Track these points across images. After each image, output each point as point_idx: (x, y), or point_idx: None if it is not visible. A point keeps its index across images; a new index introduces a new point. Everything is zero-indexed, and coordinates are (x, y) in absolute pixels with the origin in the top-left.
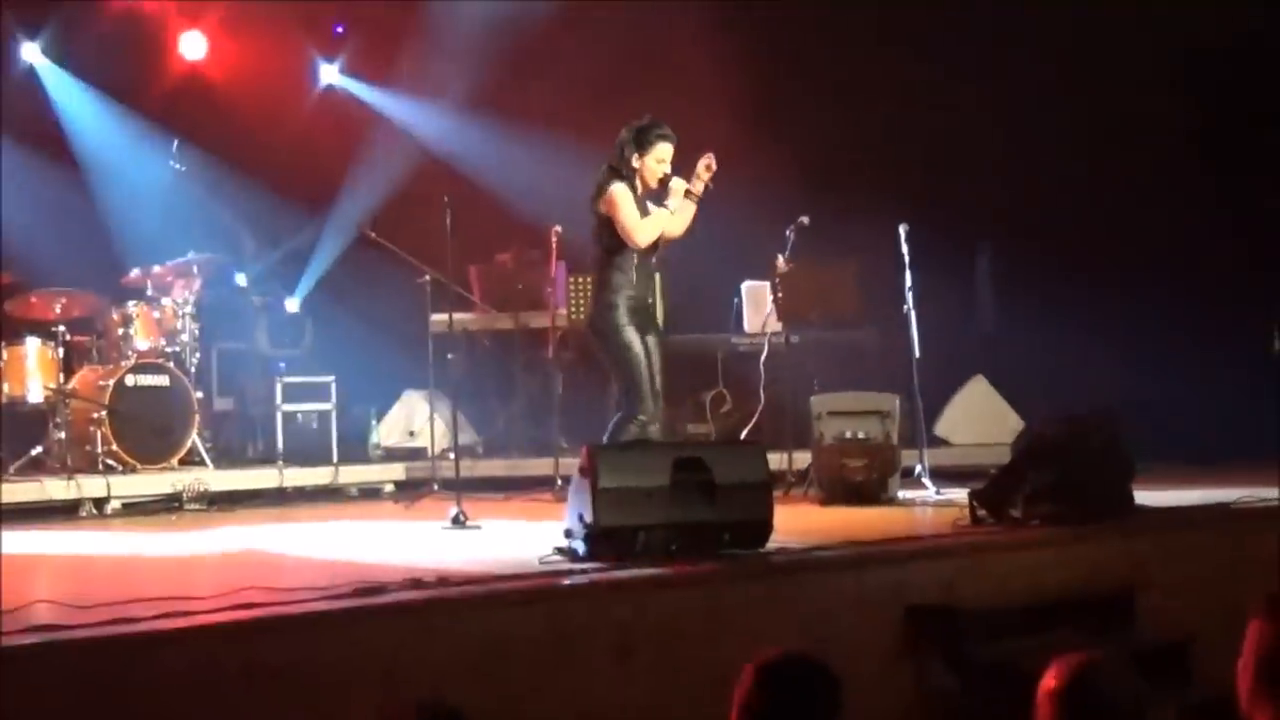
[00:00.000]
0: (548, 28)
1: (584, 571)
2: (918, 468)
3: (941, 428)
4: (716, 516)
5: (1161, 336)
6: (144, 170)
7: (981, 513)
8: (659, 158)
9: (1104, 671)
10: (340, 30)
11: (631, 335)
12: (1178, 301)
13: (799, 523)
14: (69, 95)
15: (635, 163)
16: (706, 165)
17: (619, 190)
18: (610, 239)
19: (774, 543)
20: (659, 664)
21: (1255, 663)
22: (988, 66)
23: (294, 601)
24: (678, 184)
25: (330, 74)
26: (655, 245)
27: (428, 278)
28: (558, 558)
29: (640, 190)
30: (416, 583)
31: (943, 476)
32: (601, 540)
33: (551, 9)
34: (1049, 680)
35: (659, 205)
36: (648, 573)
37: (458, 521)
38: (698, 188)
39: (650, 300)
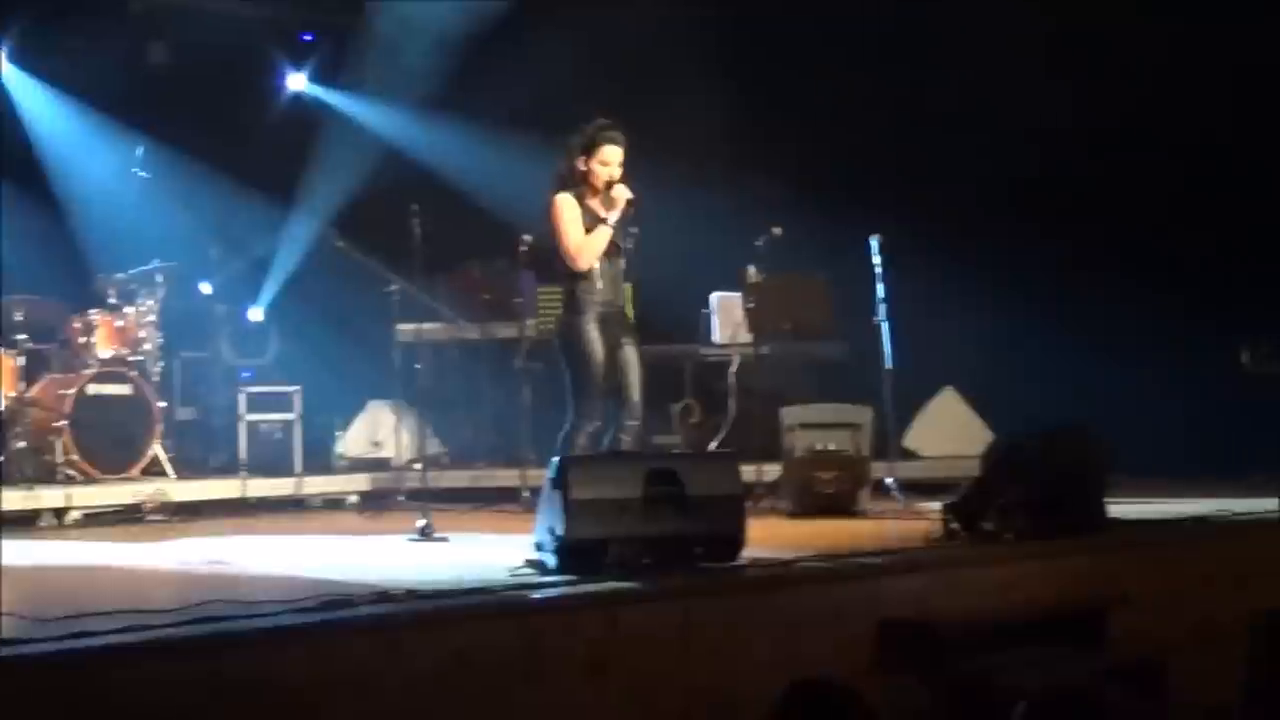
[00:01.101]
0: (521, 32)
1: (555, 585)
2: (887, 480)
3: (910, 440)
4: (689, 529)
5: (1132, 351)
6: (109, 177)
7: (955, 526)
8: (604, 160)
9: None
10: (309, 38)
11: (591, 342)
12: (1148, 316)
13: (770, 535)
14: (33, 100)
15: (582, 166)
16: (629, 200)
17: (559, 201)
18: (562, 252)
19: (745, 555)
20: (631, 679)
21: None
22: (961, 72)
23: (259, 615)
24: (620, 192)
25: (297, 81)
26: (619, 248)
27: (395, 287)
28: (528, 571)
29: (589, 195)
30: (385, 596)
31: (912, 489)
32: (573, 553)
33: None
34: None
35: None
36: (620, 586)
37: (425, 533)
38: (611, 218)
39: (621, 307)
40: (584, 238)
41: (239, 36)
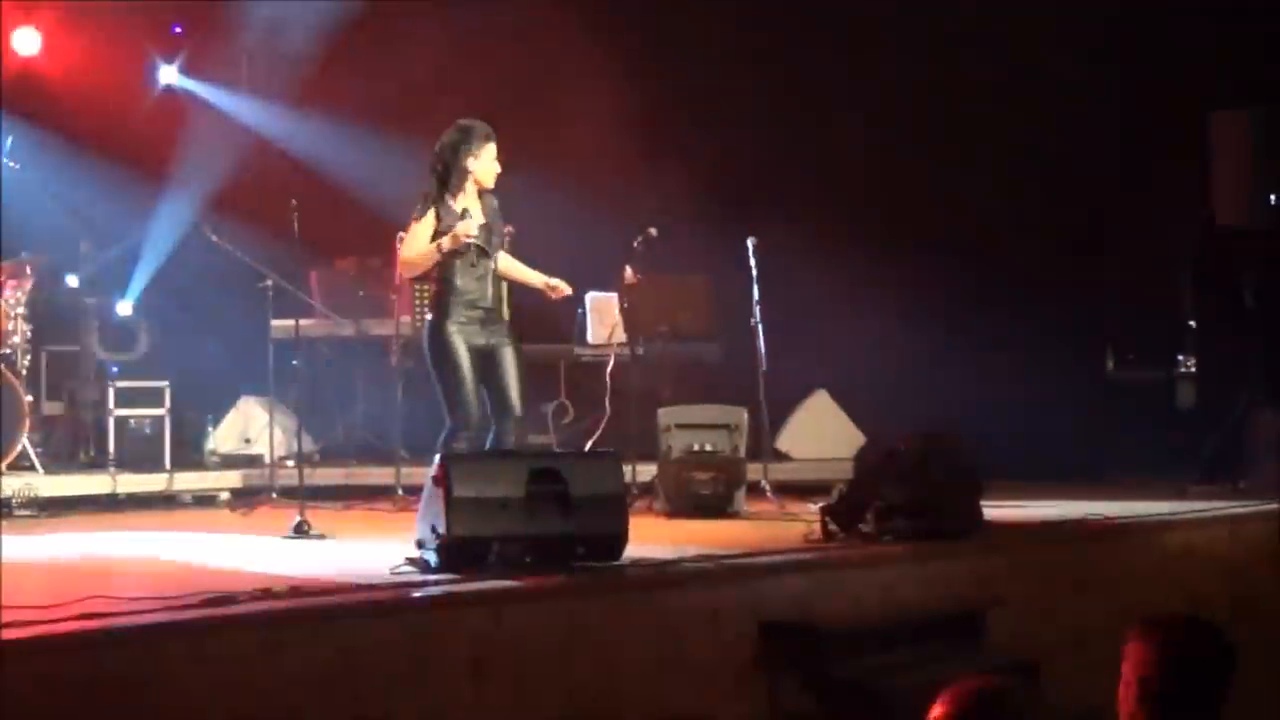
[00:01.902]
0: (393, 25)
1: (437, 583)
2: (761, 481)
3: (783, 441)
4: (572, 528)
5: (1002, 356)
6: None
7: (833, 527)
8: (484, 156)
9: (1000, 703)
10: (178, 30)
11: (454, 345)
12: (1017, 322)
13: (648, 536)
14: None
15: (462, 161)
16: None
17: (414, 225)
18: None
19: (626, 556)
20: (514, 678)
21: (1135, 684)
22: (841, 71)
23: (140, 611)
24: (463, 227)
25: (169, 74)
26: (484, 250)
27: (269, 282)
28: (409, 569)
29: (459, 189)
30: (267, 593)
31: (785, 491)
32: (454, 551)
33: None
34: (937, 709)
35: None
36: (502, 585)
37: (301, 530)
38: (446, 243)
39: (494, 304)
40: (412, 252)
41: (110, 27)
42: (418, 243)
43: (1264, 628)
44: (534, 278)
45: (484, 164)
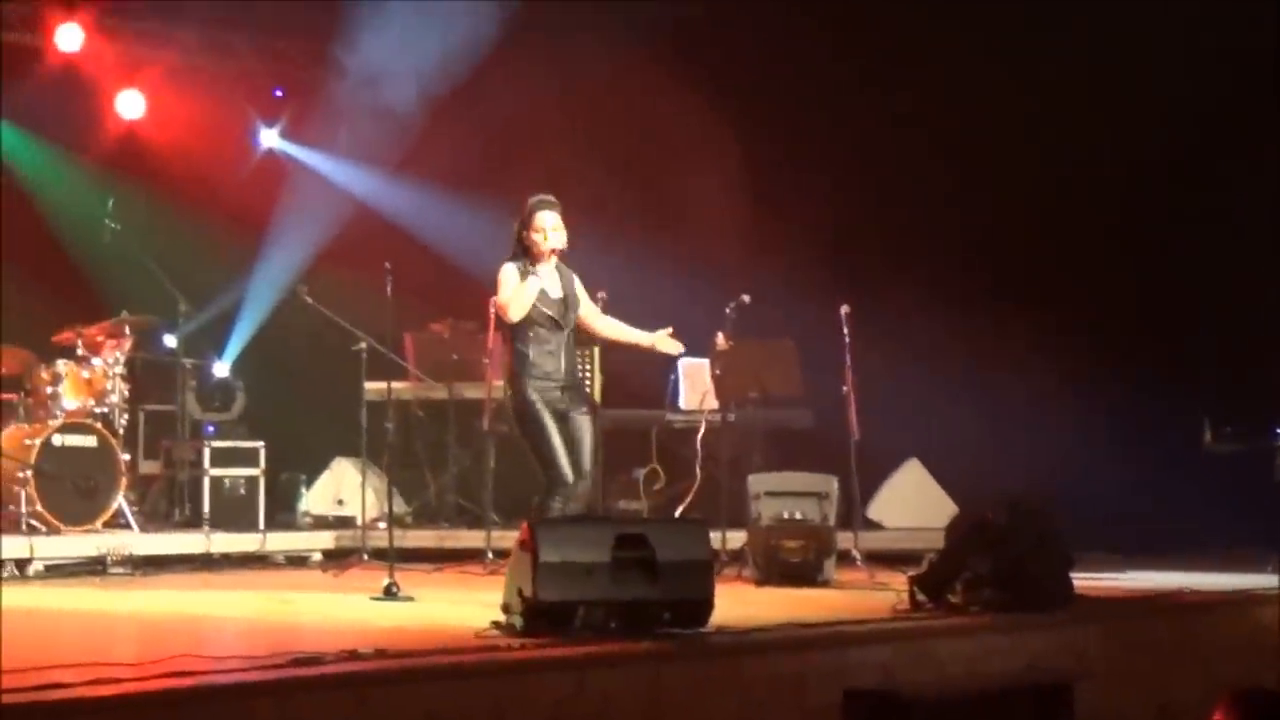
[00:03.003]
0: (497, 90)
1: (523, 647)
2: (852, 550)
3: (874, 510)
4: (657, 594)
5: (1097, 427)
6: (79, 227)
7: (921, 597)
8: (537, 227)
9: None
10: (279, 93)
11: (538, 413)
12: (1113, 392)
13: (736, 603)
14: (9, 146)
15: (523, 238)
16: (552, 250)
17: (502, 272)
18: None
19: (711, 623)
20: None
21: None
22: (936, 140)
23: (226, 670)
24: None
25: (270, 137)
26: (557, 322)
27: (363, 345)
28: (495, 632)
29: (535, 261)
30: (353, 654)
31: (875, 560)
32: (540, 615)
33: (497, 74)
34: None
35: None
36: (587, 650)
37: (390, 592)
38: (541, 269)
39: (569, 376)
40: (511, 292)
41: (213, 90)
42: (508, 287)
43: None
44: (639, 337)
45: (541, 234)
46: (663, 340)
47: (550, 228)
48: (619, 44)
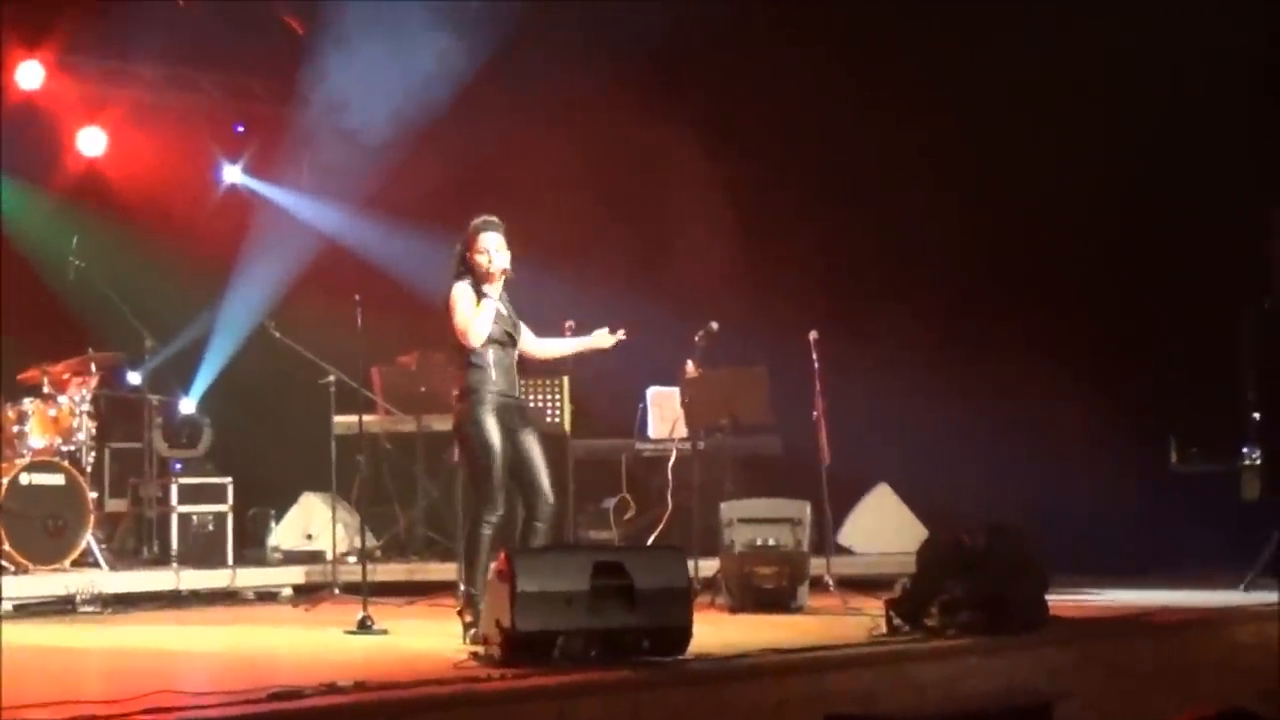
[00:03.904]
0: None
1: (502, 677)
2: (824, 576)
3: (845, 535)
4: (636, 622)
5: (1065, 450)
6: (43, 264)
7: (897, 621)
8: (481, 248)
9: None
10: (240, 129)
11: (489, 431)
12: (1080, 412)
13: (712, 631)
14: None
15: (466, 259)
16: (502, 270)
17: (455, 292)
18: (456, 339)
19: (690, 651)
20: None
21: None
22: (902, 166)
23: (207, 706)
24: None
25: (233, 173)
26: (511, 338)
27: (331, 378)
28: (474, 663)
29: (479, 282)
30: (332, 687)
31: (848, 585)
32: (519, 646)
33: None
34: None
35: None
36: (568, 679)
37: (364, 626)
38: (492, 290)
39: (517, 394)
40: (473, 313)
41: (174, 127)
42: (465, 307)
43: None
44: (576, 344)
45: (485, 255)
46: (599, 338)
47: (494, 249)
48: (593, 75)
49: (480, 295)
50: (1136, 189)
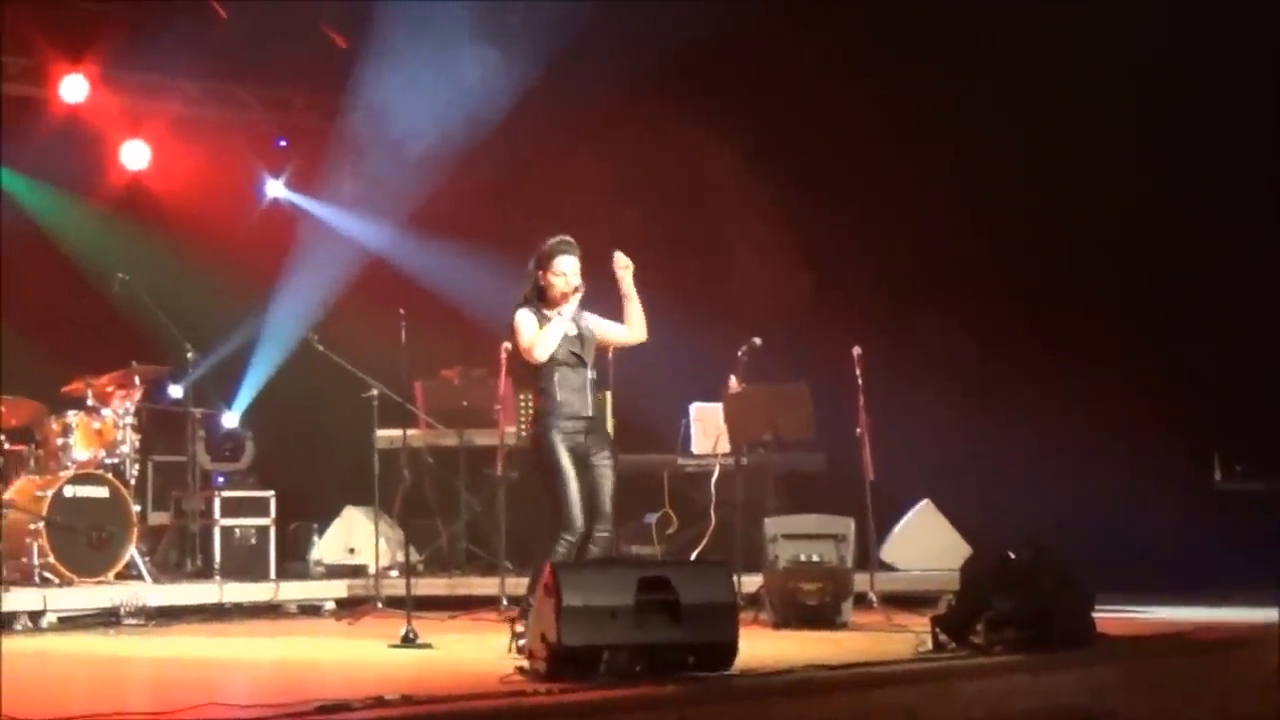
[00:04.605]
0: (502, 142)
1: (549, 692)
2: (868, 592)
3: (887, 552)
4: (682, 637)
5: (1108, 468)
6: (88, 276)
7: (943, 638)
8: (557, 271)
9: None
10: (283, 143)
11: (559, 454)
12: (1124, 433)
13: (757, 646)
14: (18, 193)
15: (540, 280)
16: (620, 264)
17: (518, 318)
18: (524, 362)
19: (735, 666)
20: None
21: None
22: (946, 182)
23: (256, 719)
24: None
25: (275, 187)
26: (580, 359)
27: (375, 392)
28: (520, 677)
29: (552, 305)
30: (380, 701)
31: (891, 602)
32: (565, 660)
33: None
34: None
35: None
36: (615, 694)
37: (408, 639)
38: (626, 283)
39: (590, 415)
40: (537, 332)
41: (218, 140)
42: (532, 328)
43: None
44: (627, 310)
45: (562, 278)
46: (620, 277)
47: (570, 272)
48: (639, 89)
49: (542, 319)
50: (1180, 199)
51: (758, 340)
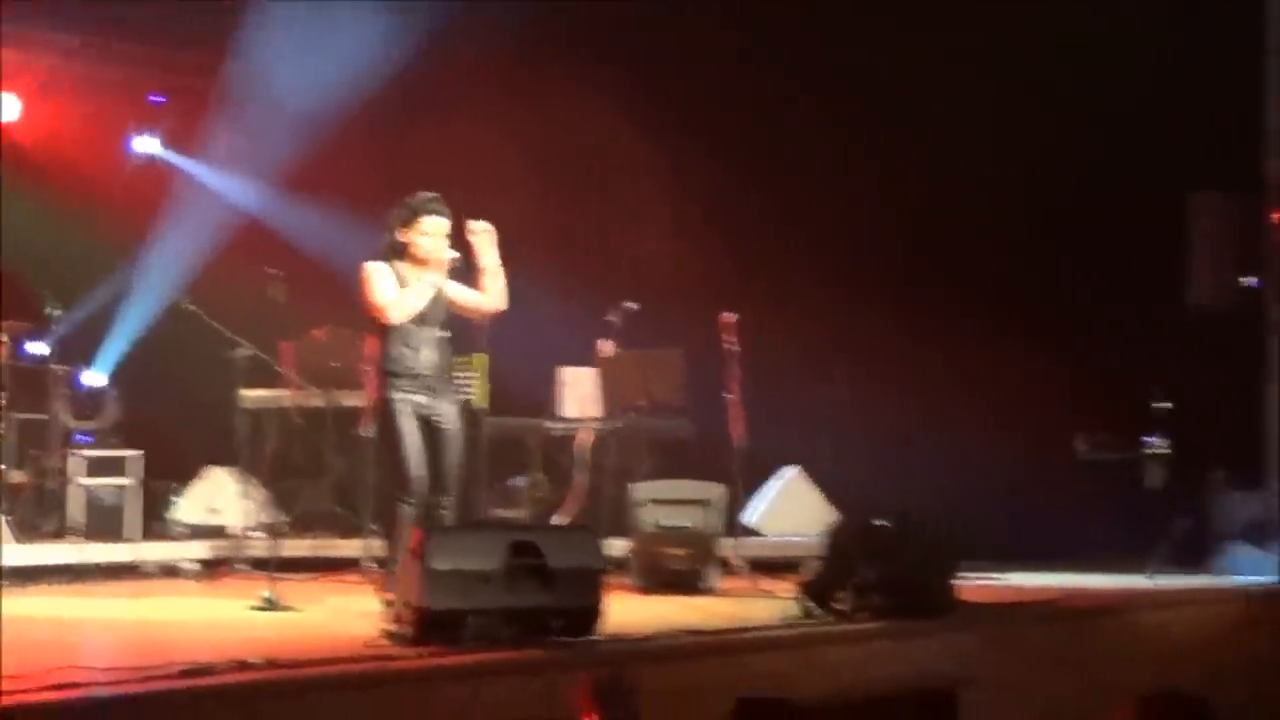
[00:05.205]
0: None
1: (417, 656)
2: (734, 558)
3: (748, 516)
4: (550, 602)
5: (973, 434)
6: None
7: (809, 604)
8: (424, 231)
9: None
10: (158, 99)
11: (395, 413)
12: (989, 399)
13: (621, 611)
14: None
15: (402, 237)
16: (484, 233)
17: (371, 270)
18: (371, 318)
19: (603, 631)
20: None
21: None
22: (816, 145)
23: (115, 682)
24: (443, 256)
25: (149, 143)
26: (424, 317)
27: (240, 352)
28: (386, 642)
29: (410, 268)
30: (243, 664)
31: (758, 567)
32: (431, 625)
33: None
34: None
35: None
36: (481, 659)
37: (270, 602)
38: (483, 250)
39: (437, 375)
40: (395, 294)
41: (90, 95)
42: (386, 286)
43: (1236, 707)
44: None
45: (418, 238)
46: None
47: (435, 233)
48: (524, 54)
49: (401, 279)
50: (1055, 178)
51: (631, 304)
